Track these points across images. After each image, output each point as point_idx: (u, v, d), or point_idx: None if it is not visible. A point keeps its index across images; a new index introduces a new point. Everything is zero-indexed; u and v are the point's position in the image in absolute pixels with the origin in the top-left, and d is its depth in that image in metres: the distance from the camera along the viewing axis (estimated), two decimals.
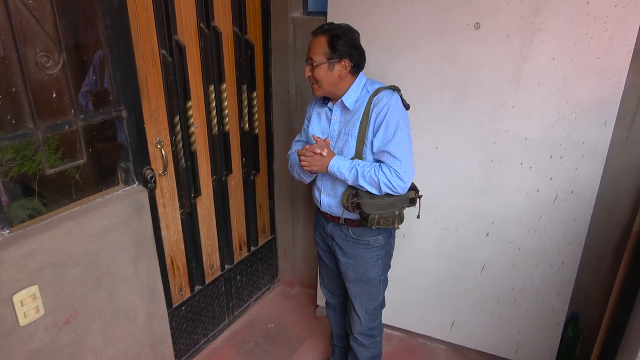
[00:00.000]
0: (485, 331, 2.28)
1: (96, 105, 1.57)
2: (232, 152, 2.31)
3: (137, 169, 1.73)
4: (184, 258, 2.15)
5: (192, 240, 2.19)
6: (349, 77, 1.65)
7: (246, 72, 2.28)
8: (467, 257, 2.20)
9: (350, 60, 1.62)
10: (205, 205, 2.24)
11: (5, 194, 1.43)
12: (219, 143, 2.21)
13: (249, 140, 2.42)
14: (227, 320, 2.56)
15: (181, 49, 1.88)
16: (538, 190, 1.97)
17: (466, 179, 2.08)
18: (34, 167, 1.45)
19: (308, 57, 1.65)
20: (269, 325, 2.62)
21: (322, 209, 1.81)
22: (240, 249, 2.56)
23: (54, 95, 1.43)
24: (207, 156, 2.16)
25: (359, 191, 1.65)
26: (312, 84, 1.69)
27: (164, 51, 1.81)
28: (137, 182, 1.74)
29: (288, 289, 2.94)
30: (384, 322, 2.03)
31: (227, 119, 2.21)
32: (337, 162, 1.64)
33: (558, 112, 1.85)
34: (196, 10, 1.93)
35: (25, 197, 1.48)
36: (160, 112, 1.84)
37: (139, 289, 1.75)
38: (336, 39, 1.59)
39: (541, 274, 2.08)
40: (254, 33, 2.29)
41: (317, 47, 1.62)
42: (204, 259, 2.29)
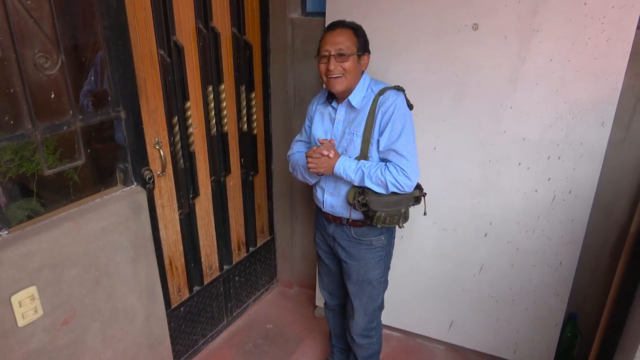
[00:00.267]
0: (484, 331, 2.28)
1: (95, 106, 1.57)
2: (230, 152, 2.31)
3: (136, 169, 1.73)
4: (182, 259, 2.15)
5: (191, 241, 2.19)
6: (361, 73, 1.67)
7: (245, 72, 2.28)
8: (465, 257, 2.20)
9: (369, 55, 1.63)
10: (204, 205, 2.23)
11: (4, 194, 1.42)
12: (217, 144, 2.21)
13: (247, 140, 2.42)
14: (225, 321, 2.56)
15: (180, 50, 1.88)
16: (536, 190, 1.98)
17: (465, 180, 2.09)
18: (33, 168, 1.45)
19: (332, 50, 1.60)
20: (268, 326, 2.62)
21: (324, 210, 1.81)
22: (239, 250, 2.56)
23: (53, 96, 1.43)
24: (205, 157, 2.16)
25: (366, 189, 1.65)
26: (330, 78, 1.63)
27: (162, 52, 1.81)
28: (135, 182, 1.74)
29: (287, 289, 2.94)
30: (382, 322, 2.03)
31: (225, 120, 2.21)
32: (342, 163, 1.64)
33: (556, 112, 1.86)
34: (195, 11, 1.93)
35: (23, 197, 1.48)
36: (158, 112, 1.84)
37: (138, 290, 1.74)
38: (360, 32, 1.63)
39: (539, 274, 2.08)
40: (253, 34, 2.30)
41: (346, 39, 1.61)
42: (203, 259, 2.29)
